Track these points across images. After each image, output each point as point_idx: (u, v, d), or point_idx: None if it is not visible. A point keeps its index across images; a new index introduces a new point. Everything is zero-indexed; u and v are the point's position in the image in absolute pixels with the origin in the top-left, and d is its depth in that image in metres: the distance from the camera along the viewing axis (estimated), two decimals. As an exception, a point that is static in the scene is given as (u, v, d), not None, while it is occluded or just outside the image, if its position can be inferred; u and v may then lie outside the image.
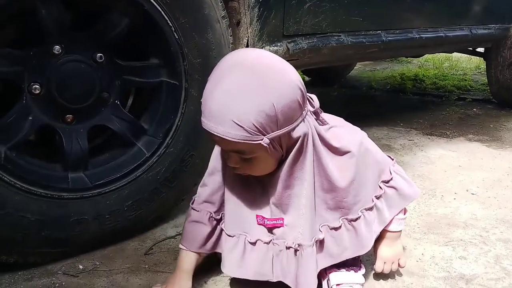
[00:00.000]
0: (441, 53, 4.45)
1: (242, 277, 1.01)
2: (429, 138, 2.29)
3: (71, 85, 1.13)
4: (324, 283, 1.03)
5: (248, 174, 0.96)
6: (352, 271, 1.04)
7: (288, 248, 0.97)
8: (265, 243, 1.00)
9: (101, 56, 1.16)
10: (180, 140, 1.27)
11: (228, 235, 1.02)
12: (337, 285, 1.01)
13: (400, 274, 1.12)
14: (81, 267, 1.15)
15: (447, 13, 2.29)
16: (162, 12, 1.16)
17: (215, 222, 1.05)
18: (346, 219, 1.00)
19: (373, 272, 1.11)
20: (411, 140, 2.26)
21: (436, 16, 2.23)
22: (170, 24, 1.18)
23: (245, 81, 0.84)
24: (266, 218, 1.00)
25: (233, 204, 1.02)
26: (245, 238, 1.00)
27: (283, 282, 0.99)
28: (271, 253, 1.00)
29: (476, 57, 3.35)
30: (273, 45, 1.51)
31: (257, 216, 1.01)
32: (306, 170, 0.95)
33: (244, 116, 0.83)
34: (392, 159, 1.08)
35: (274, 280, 1.00)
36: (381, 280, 1.10)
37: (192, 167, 1.32)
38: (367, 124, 2.42)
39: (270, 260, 1.00)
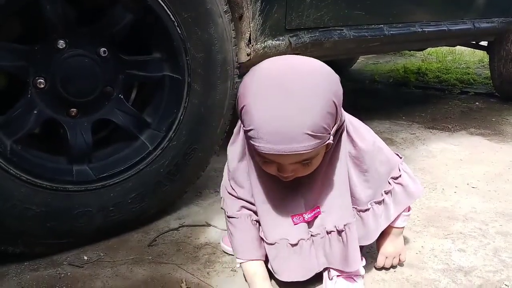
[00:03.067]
0: (444, 47, 4.43)
1: (294, 280, 1.00)
2: (431, 132, 2.30)
3: (75, 79, 1.14)
4: (325, 274, 1.04)
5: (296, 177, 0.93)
6: (353, 262, 1.05)
7: (329, 232, 0.99)
8: (307, 239, 1.01)
9: (104, 50, 1.17)
10: (183, 134, 1.28)
11: (269, 244, 1.01)
12: (337, 276, 1.03)
13: (400, 266, 1.14)
14: (86, 258, 1.17)
15: (450, 7, 2.28)
16: (165, 7, 1.17)
17: (258, 224, 1.03)
18: (356, 209, 1.03)
19: (374, 264, 1.13)
20: (413, 133, 2.26)
21: (439, 9, 2.22)
22: (173, 19, 1.19)
23: (301, 92, 0.81)
24: (304, 213, 1.00)
25: (266, 213, 1.00)
26: (286, 242, 0.99)
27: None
28: (313, 246, 1.01)
29: (479, 50, 3.34)
30: (275, 39, 1.51)
31: (292, 217, 1.00)
32: (341, 149, 0.96)
33: (316, 124, 0.81)
34: (400, 157, 1.09)
35: (320, 270, 1.02)
36: (381, 272, 1.12)
37: (194, 161, 1.33)
38: (369, 117, 2.42)
39: (315, 253, 1.01)
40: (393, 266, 1.13)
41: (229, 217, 1.05)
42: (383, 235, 1.09)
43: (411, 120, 2.50)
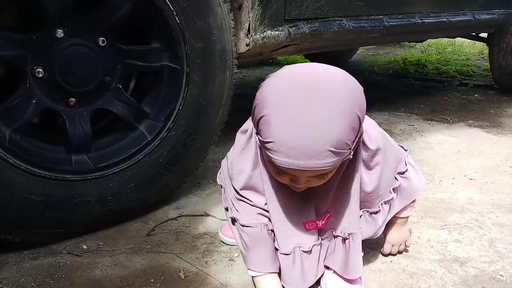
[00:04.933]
0: (444, 38, 4.41)
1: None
2: (429, 124, 2.30)
3: (73, 68, 1.14)
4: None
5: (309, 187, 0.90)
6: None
7: (336, 237, 0.99)
8: (319, 244, 1.00)
9: (103, 40, 1.17)
10: (181, 124, 1.28)
11: (284, 254, 0.98)
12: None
13: (398, 256, 1.15)
14: (85, 247, 1.18)
15: (450, -2, 2.27)
16: (164, -4, 1.16)
17: (272, 234, 0.99)
18: (367, 211, 1.03)
19: (371, 254, 1.14)
20: (411, 125, 2.27)
21: (439, 0, 2.21)
22: (172, 8, 1.18)
23: (326, 106, 0.76)
24: (317, 220, 0.98)
25: (281, 221, 0.97)
26: (299, 249, 0.97)
27: None
28: (323, 249, 1.01)
29: (479, 42, 3.33)
30: (275, 29, 1.51)
31: (305, 223, 0.98)
32: (356, 159, 0.93)
33: (339, 140, 0.76)
34: (406, 150, 1.09)
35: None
36: (378, 262, 1.13)
37: (193, 151, 1.34)
38: (368, 109, 2.40)
39: (324, 256, 1.01)
40: (390, 254, 1.15)
41: (243, 226, 0.98)
42: (390, 224, 1.11)
43: (410, 112, 2.51)
